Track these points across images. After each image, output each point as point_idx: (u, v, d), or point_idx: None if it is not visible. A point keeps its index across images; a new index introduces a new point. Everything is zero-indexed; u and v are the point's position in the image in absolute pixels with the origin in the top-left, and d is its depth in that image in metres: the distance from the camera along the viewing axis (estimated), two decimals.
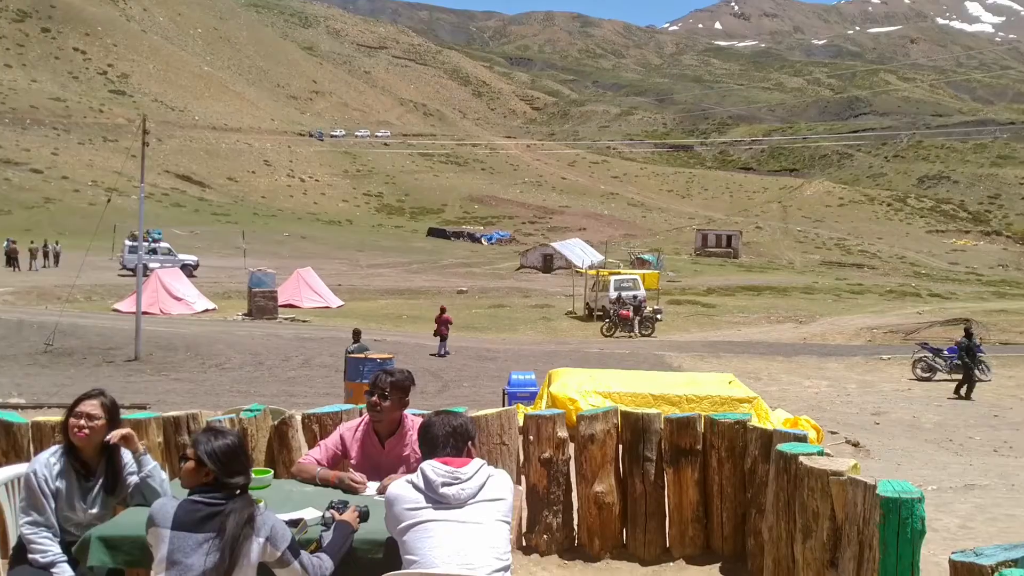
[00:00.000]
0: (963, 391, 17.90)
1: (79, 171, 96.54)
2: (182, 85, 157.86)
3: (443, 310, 24.79)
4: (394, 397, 4.02)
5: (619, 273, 39.85)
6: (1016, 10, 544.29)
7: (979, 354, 19.01)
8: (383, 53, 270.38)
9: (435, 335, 24.42)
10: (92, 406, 3.60)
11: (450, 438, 3.26)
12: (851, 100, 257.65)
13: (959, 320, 31.98)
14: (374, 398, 4.01)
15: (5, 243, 48.93)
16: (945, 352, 20.54)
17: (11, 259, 47.48)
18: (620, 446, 4.97)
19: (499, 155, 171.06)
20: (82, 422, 3.56)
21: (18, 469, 3.92)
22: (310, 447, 4.77)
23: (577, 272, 46.83)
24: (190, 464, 3.03)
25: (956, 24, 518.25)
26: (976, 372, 18.53)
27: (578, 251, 65.20)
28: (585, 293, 37.91)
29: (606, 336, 30.68)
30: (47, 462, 3.55)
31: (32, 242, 51.79)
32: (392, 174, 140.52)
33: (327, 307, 36.38)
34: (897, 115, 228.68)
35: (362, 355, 15.15)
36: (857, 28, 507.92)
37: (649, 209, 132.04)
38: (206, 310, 33.51)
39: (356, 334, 17.61)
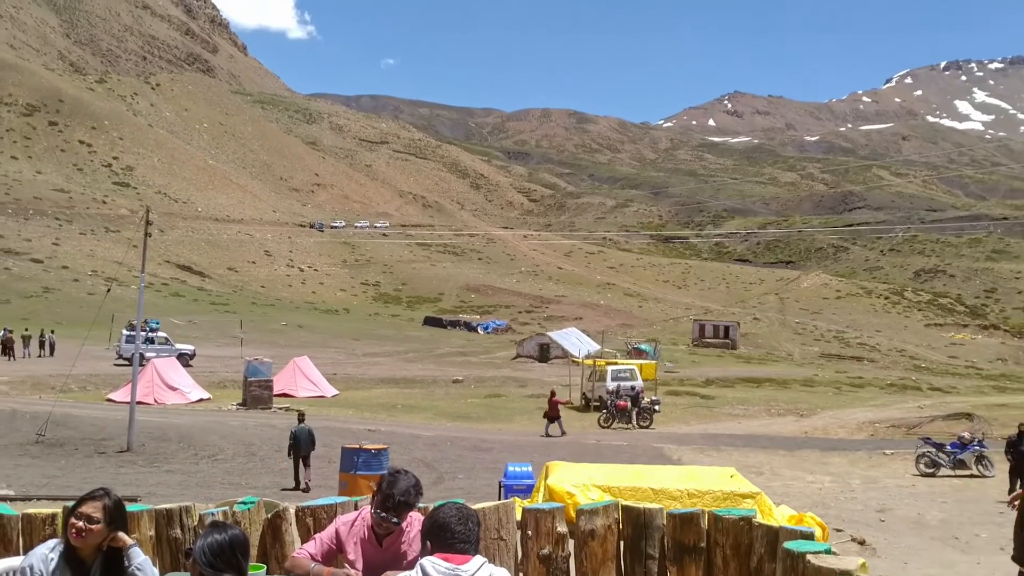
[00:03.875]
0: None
1: (80, 261, 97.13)
2: (186, 177, 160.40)
3: (553, 393, 28.07)
4: (403, 515, 3.95)
5: (616, 363, 39.68)
6: (1004, 108, 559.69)
7: (983, 449, 18.74)
8: (384, 147, 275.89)
9: (545, 417, 27.58)
10: (94, 508, 3.55)
11: (462, 530, 3.16)
12: (845, 195, 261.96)
13: (961, 414, 31.74)
14: (383, 514, 3.92)
15: (2, 332, 48.81)
16: (948, 447, 20.30)
17: (6, 348, 47.28)
18: (621, 542, 4.84)
19: (496, 245, 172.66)
20: (81, 523, 3.51)
21: (11, 563, 3.82)
22: (304, 541, 4.66)
23: (574, 362, 46.65)
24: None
25: (946, 122, 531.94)
26: (980, 468, 18.22)
27: (574, 340, 65.04)
28: (582, 383, 37.70)
29: (603, 427, 30.37)
30: (44, 557, 3.48)
31: (27, 330, 51.67)
32: (390, 263, 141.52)
33: (322, 396, 36.11)
34: (891, 209, 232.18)
35: (357, 445, 14.92)
36: (849, 125, 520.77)
37: (646, 299, 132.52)
38: (201, 400, 33.24)
39: (301, 416, 19.11)
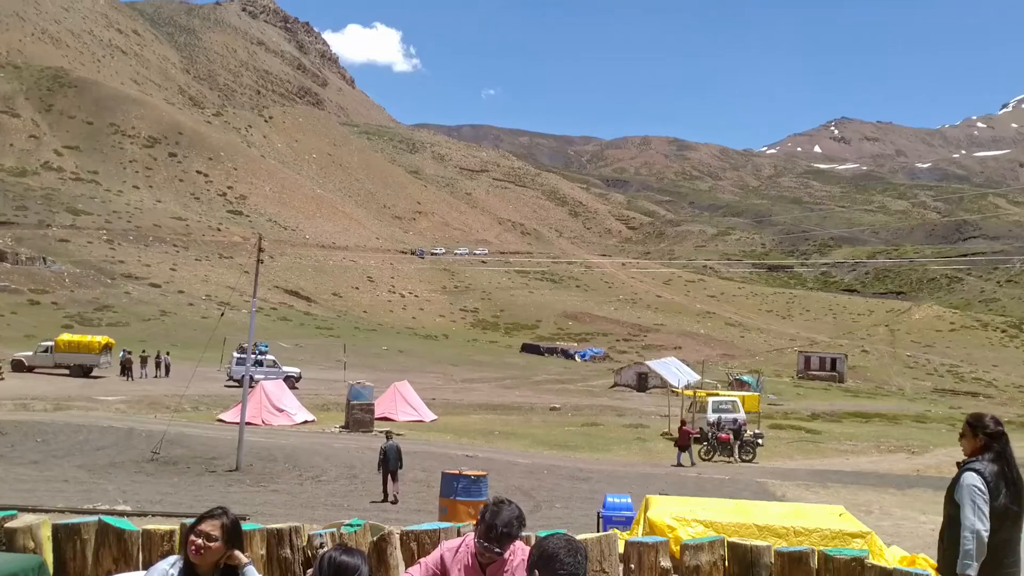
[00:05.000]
0: None
1: (195, 286, 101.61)
2: (295, 206, 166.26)
3: (683, 423, 28.95)
4: (505, 545, 3.96)
5: (717, 394, 38.83)
6: None
7: None
8: (484, 176, 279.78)
9: (676, 446, 28.18)
10: (212, 526, 3.67)
11: (571, 562, 3.14)
12: (959, 223, 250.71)
13: None
14: (487, 544, 3.93)
15: (121, 353, 51.37)
16: None
17: (125, 369, 49.70)
18: None
19: (594, 273, 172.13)
20: (200, 541, 3.63)
21: None
22: (408, 565, 4.72)
23: (673, 392, 45.91)
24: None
25: None
26: None
27: (674, 370, 64.04)
28: (681, 414, 37.01)
29: (704, 460, 29.71)
30: (165, 572, 3.62)
31: (144, 352, 54.24)
32: (488, 290, 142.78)
33: (421, 420, 36.57)
34: (1008, 239, 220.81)
35: (457, 471, 15.02)
36: (963, 152, 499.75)
37: (748, 329, 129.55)
38: (305, 421, 34.14)
39: (388, 435, 21.53)
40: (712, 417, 32.76)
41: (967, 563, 4.48)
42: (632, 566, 4.58)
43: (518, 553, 4.07)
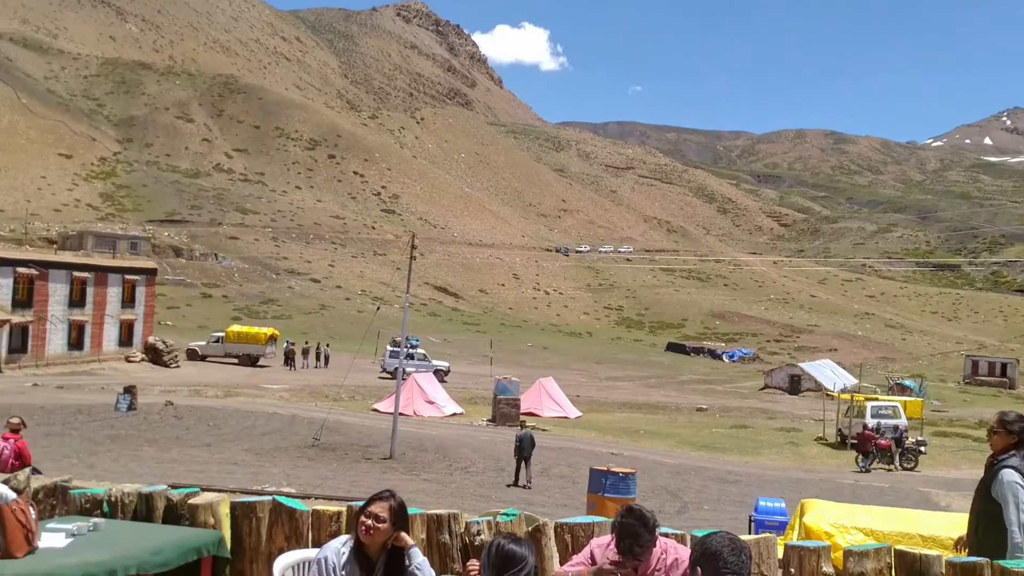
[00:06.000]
0: None
1: (351, 281, 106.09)
2: (444, 204, 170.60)
3: (865, 427, 28.81)
4: (636, 554, 3.94)
5: (876, 399, 36.97)
6: None
7: None
8: (630, 173, 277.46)
9: (856, 449, 28.22)
10: (381, 508, 3.87)
11: (735, 561, 3.11)
12: None
13: None
14: (630, 547, 3.93)
15: (285, 344, 54.33)
16: None
17: (288, 359, 52.54)
18: None
19: (743, 271, 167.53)
20: (369, 521, 3.84)
21: (307, 554, 4.26)
22: (562, 556, 4.78)
23: (828, 395, 44.07)
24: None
25: None
26: None
27: (829, 373, 61.46)
28: (837, 418, 35.47)
29: (859, 467, 28.37)
30: (337, 550, 3.85)
31: (306, 343, 57.15)
32: (633, 288, 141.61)
33: (565, 417, 36.76)
34: None
35: (605, 468, 15.01)
36: None
37: (910, 331, 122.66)
38: (454, 414, 35.02)
39: (523, 423, 22.81)
40: (871, 423, 31.22)
41: (1019, 556, 4.68)
42: (792, 570, 4.45)
43: (671, 551, 4.05)
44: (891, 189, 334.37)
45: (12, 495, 4.63)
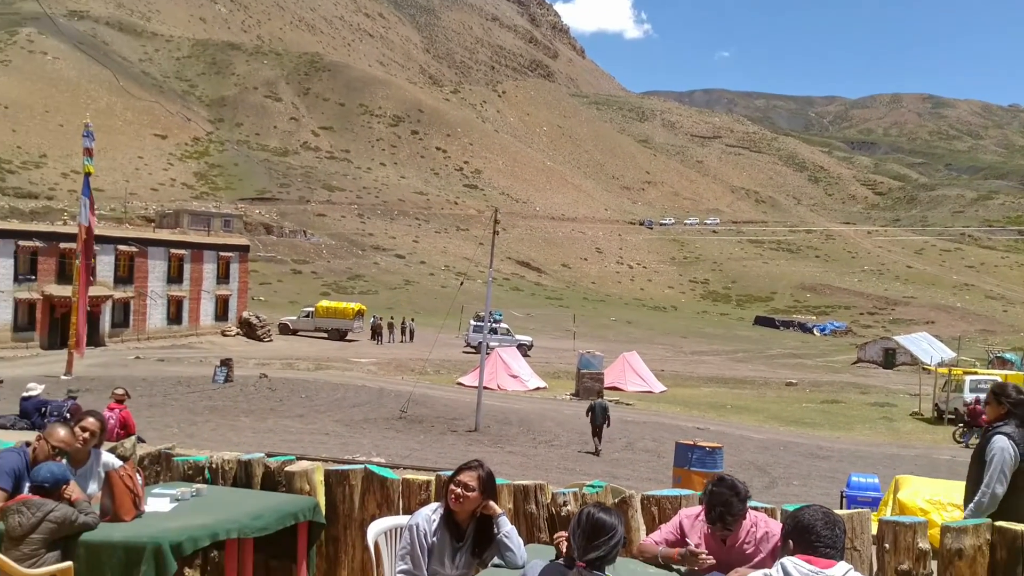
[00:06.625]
0: None
1: (435, 257, 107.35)
2: (526, 179, 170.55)
3: (977, 401, 27.19)
4: (728, 524, 3.92)
5: (976, 373, 35.59)
6: None
7: None
8: (716, 142, 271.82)
9: (967, 424, 27.56)
10: (470, 477, 3.95)
11: (828, 535, 3.06)
12: None
13: None
14: (721, 515, 3.92)
15: (372, 319, 55.45)
16: None
17: (375, 333, 53.63)
18: (992, 565, 4.37)
19: (835, 242, 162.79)
20: (459, 490, 3.92)
21: (398, 520, 4.38)
22: (648, 528, 4.78)
23: (924, 369, 42.63)
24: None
25: None
26: None
27: (925, 346, 59.45)
28: (934, 393, 34.31)
29: (959, 443, 27.43)
30: (428, 517, 3.95)
31: (392, 318, 58.21)
32: (719, 261, 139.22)
33: (650, 391, 36.53)
34: None
35: (693, 442, 14.90)
36: None
37: (1012, 303, 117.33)
38: (537, 388, 35.19)
39: (599, 392, 23.92)
40: (970, 397, 30.10)
41: (976, 515, 4.86)
42: (887, 545, 4.35)
43: (760, 525, 4.02)
44: (992, 154, 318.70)
45: (118, 462, 4.90)
